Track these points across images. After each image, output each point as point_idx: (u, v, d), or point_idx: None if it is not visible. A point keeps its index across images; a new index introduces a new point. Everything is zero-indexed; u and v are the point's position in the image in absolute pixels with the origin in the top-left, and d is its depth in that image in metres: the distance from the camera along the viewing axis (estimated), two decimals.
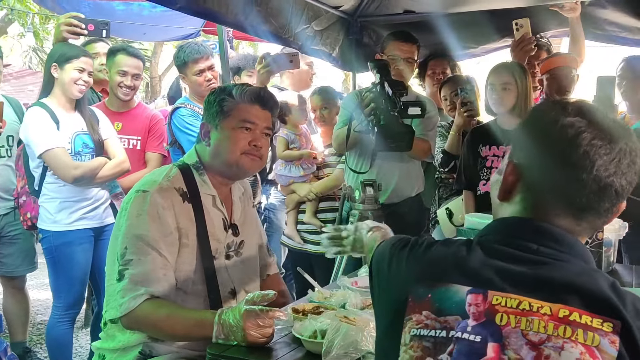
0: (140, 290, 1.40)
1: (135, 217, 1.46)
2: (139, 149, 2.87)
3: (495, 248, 0.85)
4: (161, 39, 7.46)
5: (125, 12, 4.24)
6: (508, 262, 0.83)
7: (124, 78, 2.78)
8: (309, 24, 2.83)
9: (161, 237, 1.45)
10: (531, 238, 0.84)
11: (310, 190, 2.87)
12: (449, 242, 0.92)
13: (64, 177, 2.45)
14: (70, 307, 2.56)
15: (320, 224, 2.87)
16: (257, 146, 1.58)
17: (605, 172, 0.80)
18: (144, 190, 1.50)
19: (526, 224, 0.86)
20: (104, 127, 2.64)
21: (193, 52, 2.67)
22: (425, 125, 2.59)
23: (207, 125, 1.61)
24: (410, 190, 2.68)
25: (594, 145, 0.80)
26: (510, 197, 0.89)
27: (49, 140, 2.43)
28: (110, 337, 1.54)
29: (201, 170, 1.60)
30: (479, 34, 3.18)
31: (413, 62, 2.61)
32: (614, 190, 0.81)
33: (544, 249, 0.83)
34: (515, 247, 0.84)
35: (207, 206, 1.58)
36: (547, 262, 0.83)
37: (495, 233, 0.90)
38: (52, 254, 2.53)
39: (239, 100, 1.58)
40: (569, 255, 0.83)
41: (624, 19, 2.96)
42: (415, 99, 2.47)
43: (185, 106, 2.65)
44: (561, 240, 0.84)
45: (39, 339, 3.40)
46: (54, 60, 2.51)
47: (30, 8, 7.54)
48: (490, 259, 0.84)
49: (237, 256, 1.66)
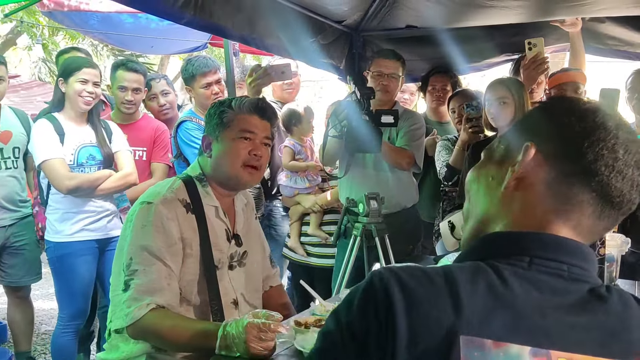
0: (146, 300, 1.42)
1: (140, 228, 1.49)
2: (145, 160, 2.91)
3: (522, 274, 0.69)
4: (168, 52, 7.53)
5: (134, 25, 4.30)
6: (547, 294, 0.69)
7: (125, 93, 2.83)
8: (315, 38, 2.86)
9: (165, 248, 1.48)
10: (557, 256, 0.72)
11: (315, 202, 2.88)
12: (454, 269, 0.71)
13: (59, 187, 2.48)
14: (73, 318, 2.58)
15: (325, 235, 2.88)
16: (257, 155, 1.61)
17: (629, 156, 0.72)
18: (149, 202, 1.52)
19: (545, 237, 0.73)
20: (116, 139, 2.68)
21: (202, 66, 2.71)
22: (411, 136, 2.67)
23: (208, 137, 1.65)
24: (405, 201, 2.71)
25: (620, 138, 0.73)
26: (521, 185, 0.76)
27: (47, 151, 2.46)
28: (114, 348, 1.56)
29: (204, 182, 1.64)
30: (482, 49, 3.21)
31: (398, 77, 2.67)
32: (633, 181, 0.73)
33: (575, 269, 0.72)
34: (546, 270, 0.71)
35: (210, 217, 1.61)
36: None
37: (503, 249, 0.73)
38: (55, 265, 2.56)
39: (237, 111, 1.62)
40: (594, 275, 0.73)
41: (624, 34, 2.98)
42: (400, 110, 2.60)
43: (191, 119, 2.67)
44: (586, 255, 0.73)
45: (43, 349, 3.41)
46: (59, 75, 2.56)
47: (39, 21, 7.63)
48: (526, 294, 0.68)
49: (241, 266, 1.68)
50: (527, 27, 2.99)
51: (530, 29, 2.98)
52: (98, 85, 2.58)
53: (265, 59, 3.85)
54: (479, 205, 0.81)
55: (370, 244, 2.38)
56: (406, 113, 2.78)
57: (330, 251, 2.90)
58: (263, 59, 4.43)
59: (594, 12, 2.66)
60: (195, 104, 2.81)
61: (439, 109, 3.21)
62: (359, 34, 3.16)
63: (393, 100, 2.74)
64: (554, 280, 0.71)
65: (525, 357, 0.64)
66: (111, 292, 1.54)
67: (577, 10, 2.66)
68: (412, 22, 3.03)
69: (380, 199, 2.37)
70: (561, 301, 0.69)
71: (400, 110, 2.75)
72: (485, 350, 0.64)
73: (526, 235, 0.74)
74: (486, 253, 0.74)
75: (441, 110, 3.22)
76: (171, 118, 3.06)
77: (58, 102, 2.57)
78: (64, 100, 2.55)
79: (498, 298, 0.67)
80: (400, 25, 3.07)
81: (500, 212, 0.78)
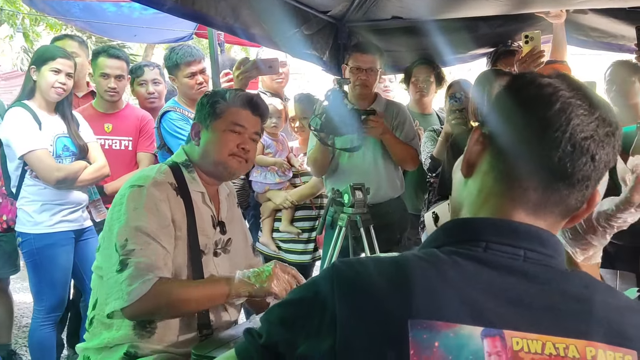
0: (149, 275, 1.40)
1: (132, 210, 1.47)
2: (131, 150, 2.87)
3: (478, 258, 0.70)
4: (152, 41, 7.45)
5: (116, 13, 4.24)
6: (502, 276, 0.69)
7: (107, 80, 2.79)
8: (299, 28, 2.84)
9: (160, 229, 1.47)
10: (513, 241, 0.71)
11: (286, 198, 2.84)
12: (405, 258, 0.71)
13: (47, 179, 2.44)
14: (52, 310, 2.53)
15: (297, 231, 2.86)
16: (244, 149, 1.62)
17: (581, 134, 0.70)
18: (139, 185, 1.51)
19: (500, 222, 0.73)
20: (84, 131, 2.63)
21: (186, 55, 2.67)
22: (406, 137, 2.68)
23: (198, 125, 1.66)
24: (391, 192, 2.71)
25: (570, 104, 0.71)
26: (473, 171, 0.77)
27: (31, 141, 2.41)
28: (96, 336, 1.54)
29: (190, 168, 1.64)
30: (466, 40, 3.21)
31: (376, 70, 2.66)
32: (590, 156, 0.71)
33: (532, 254, 0.71)
34: (501, 253, 0.71)
35: (197, 202, 1.61)
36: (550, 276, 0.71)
37: (458, 236, 0.74)
38: (33, 257, 2.50)
39: (231, 103, 1.63)
40: (557, 260, 0.73)
41: (607, 25, 3.00)
42: (384, 102, 2.69)
43: (175, 110, 2.64)
44: (544, 240, 0.73)
45: (24, 341, 3.36)
46: (32, 62, 2.49)
47: (20, 9, 7.49)
48: (478, 276, 0.69)
49: (225, 253, 1.68)
50: (511, 19, 3.00)
51: (514, 20, 2.99)
52: (71, 76, 2.52)
53: (252, 51, 3.81)
54: (452, 195, 0.83)
55: (356, 234, 2.39)
56: (391, 105, 2.77)
57: (302, 247, 2.89)
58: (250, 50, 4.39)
59: (578, 3, 2.67)
60: (179, 93, 2.77)
61: (422, 100, 3.21)
62: (344, 24, 3.15)
63: (373, 93, 2.73)
64: (510, 263, 0.71)
65: (477, 337, 0.65)
66: (101, 277, 1.52)
67: (560, 2, 2.68)
68: (398, 13, 3.02)
69: (365, 190, 2.37)
70: (516, 282, 0.70)
71: (384, 102, 2.76)
72: (434, 331, 0.64)
73: (480, 221, 0.74)
74: (444, 240, 0.74)
75: (424, 101, 3.22)
76: (156, 108, 3.02)
77: (30, 90, 2.51)
78: (35, 89, 2.49)
79: (448, 281, 0.68)
80: (386, 16, 3.06)
81: (462, 200, 0.79)
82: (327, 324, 0.67)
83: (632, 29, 2.59)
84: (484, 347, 0.64)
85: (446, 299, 0.66)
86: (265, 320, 0.75)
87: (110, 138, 2.83)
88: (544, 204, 0.73)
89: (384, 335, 0.65)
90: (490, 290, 0.68)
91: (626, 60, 2.77)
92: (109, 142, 2.85)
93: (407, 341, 0.64)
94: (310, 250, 2.93)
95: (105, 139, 2.83)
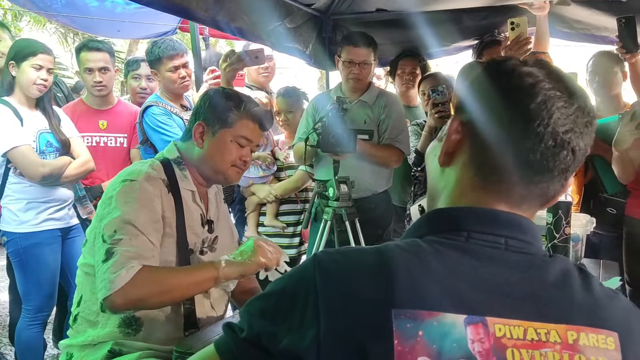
0: (133, 263, 1.36)
1: (123, 203, 1.45)
2: (126, 147, 2.84)
3: (460, 247, 0.71)
4: (136, 37, 7.36)
5: (98, 9, 4.17)
6: (484, 264, 0.70)
7: (92, 75, 2.74)
8: (282, 21, 2.82)
9: (150, 223, 1.45)
10: (494, 230, 0.72)
11: (270, 192, 2.83)
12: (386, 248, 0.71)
13: (32, 175, 2.40)
14: (40, 310, 2.51)
15: (282, 225, 2.85)
16: (246, 162, 1.66)
17: (562, 127, 0.70)
18: (131, 179, 1.49)
19: (480, 211, 0.73)
20: (65, 126, 2.60)
21: (168, 48, 2.63)
22: (395, 128, 2.66)
23: (203, 126, 1.62)
24: (377, 186, 2.70)
25: (551, 97, 0.71)
26: (452, 161, 0.77)
27: (14, 137, 2.37)
28: (80, 333, 1.53)
29: (182, 165, 1.63)
30: (451, 32, 3.22)
31: (370, 64, 2.63)
32: (571, 149, 0.71)
33: (513, 242, 0.72)
34: (483, 242, 0.71)
35: (187, 200, 1.60)
36: (531, 262, 0.72)
37: (440, 226, 0.74)
38: (20, 257, 2.47)
39: (243, 115, 1.63)
40: (535, 247, 0.74)
41: (590, 17, 3.01)
42: (376, 93, 2.68)
43: (157, 104, 2.60)
44: (524, 228, 0.73)
45: (8, 340, 3.33)
46: (10, 57, 2.44)
47: (1, 4, 7.37)
48: (461, 265, 0.70)
49: (212, 252, 1.67)
50: (495, 11, 3.00)
51: (498, 12, 2.99)
52: (52, 72, 2.48)
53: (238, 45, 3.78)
54: (428, 182, 0.83)
55: (341, 228, 2.38)
56: (382, 97, 2.74)
57: (287, 241, 2.88)
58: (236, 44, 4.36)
59: None
60: (162, 88, 2.73)
61: (407, 92, 3.22)
62: (329, 17, 3.13)
63: (367, 85, 2.72)
64: (492, 252, 0.71)
65: (460, 325, 0.65)
66: (87, 273, 1.50)
67: None
68: (382, 5, 3.02)
69: (350, 183, 2.37)
70: (497, 270, 0.70)
71: (376, 92, 2.74)
72: (417, 320, 0.65)
73: (461, 211, 0.74)
74: (426, 230, 0.74)
75: (410, 94, 3.23)
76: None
77: (8, 86, 2.46)
78: (14, 85, 2.45)
79: (431, 271, 0.68)
80: (370, 8, 3.05)
81: (440, 189, 0.79)
82: (310, 315, 0.66)
83: (614, 20, 2.59)
84: (467, 335, 0.65)
85: (429, 288, 0.67)
86: (245, 313, 0.74)
87: (106, 135, 2.79)
88: (526, 197, 0.74)
89: (368, 326, 0.65)
90: (473, 279, 0.69)
91: (608, 50, 2.77)
92: (105, 140, 2.81)
93: (391, 331, 0.64)
94: (296, 244, 2.92)
95: (101, 136, 2.80)
